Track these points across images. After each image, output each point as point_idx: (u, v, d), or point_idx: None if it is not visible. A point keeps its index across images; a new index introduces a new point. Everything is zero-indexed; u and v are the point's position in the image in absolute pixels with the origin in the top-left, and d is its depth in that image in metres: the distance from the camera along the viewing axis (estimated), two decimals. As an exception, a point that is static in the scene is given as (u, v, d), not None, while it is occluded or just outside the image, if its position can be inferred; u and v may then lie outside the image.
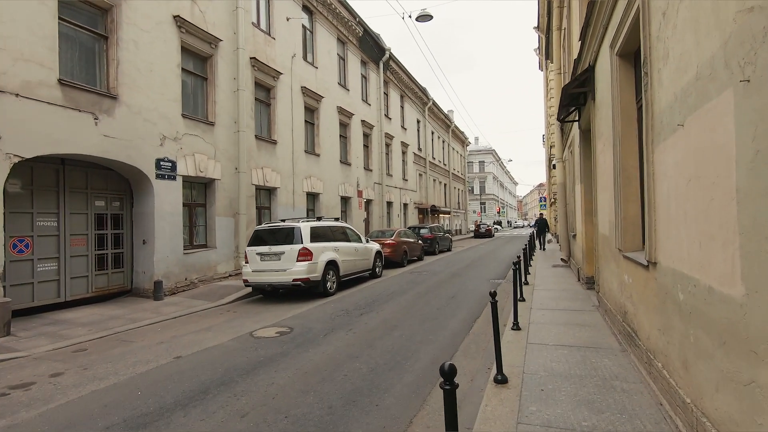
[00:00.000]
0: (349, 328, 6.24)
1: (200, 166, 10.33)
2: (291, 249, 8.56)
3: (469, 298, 8.41)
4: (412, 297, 8.66)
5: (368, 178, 20.75)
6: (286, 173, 13.91)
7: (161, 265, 9.20)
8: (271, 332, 6.17)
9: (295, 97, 14.55)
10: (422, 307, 7.65)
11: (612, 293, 5.20)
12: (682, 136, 2.52)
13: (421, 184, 30.17)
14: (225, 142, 11.24)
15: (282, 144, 13.77)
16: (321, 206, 16.19)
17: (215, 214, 10.92)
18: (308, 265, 8.52)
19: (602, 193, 5.84)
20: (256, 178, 12.40)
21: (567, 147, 11.72)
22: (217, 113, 11.04)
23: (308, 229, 8.93)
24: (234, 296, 9.20)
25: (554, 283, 9.13)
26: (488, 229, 37.36)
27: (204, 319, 7.31)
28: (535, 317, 5.98)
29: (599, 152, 5.97)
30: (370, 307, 7.74)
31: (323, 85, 16.47)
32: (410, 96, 27.56)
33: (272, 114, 13.51)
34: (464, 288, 9.62)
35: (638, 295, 3.84)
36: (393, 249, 14.08)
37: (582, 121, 7.89)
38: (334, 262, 9.43)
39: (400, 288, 9.87)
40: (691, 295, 2.47)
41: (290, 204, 14.09)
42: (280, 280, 8.52)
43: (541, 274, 10.70)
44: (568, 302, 6.96)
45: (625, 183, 4.44)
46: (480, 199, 68.70)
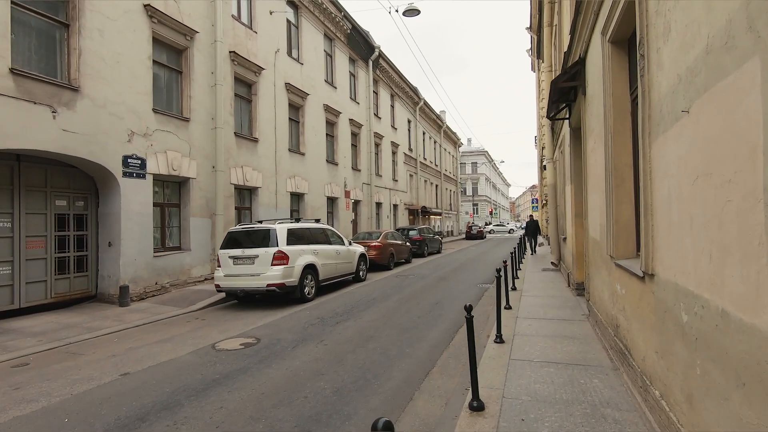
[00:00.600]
0: (320, 340, 5.76)
1: (173, 164, 9.78)
2: (265, 252, 8.06)
3: (453, 304, 7.97)
4: (394, 303, 8.20)
5: (356, 179, 20.27)
6: (268, 172, 13.39)
7: (128, 269, 8.64)
8: (236, 344, 5.67)
9: (278, 94, 14.04)
10: (403, 314, 7.19)
11: (603, 303, 4.78)
12: (688, 125, 2.08)
13: (412, 185, 29.75)
14: (201, 139, 10.71)
15: (264, 142, 13.25)
16: (306, 207, 15.68)
17: (190, 214, 10.38)
18: (284, 269, 8.03)
19: (593, 194, 5.43)
20: (235, 177, 11.87)
21: (558, 147, 11.35)
22: (193, 109, 10.50)
23: (284, 231, 8.44)
24: (206, 302, 8.67)
25: (543, 288, 8.72)
26: (480, 230, 37.03)
27: (168, 328, 6.79)
28: (521, 328, 5.55)
29: (590, 150, 5.56)
30: (347, 315, 7.27)
31: (309, 82, 15.97)
32: (401, 95, 27.14)
33: (254, 111, 12.99)
34: (450, 293, 9.18)
35: (632, 309, 3.42)
36: (379, 251, 13.61)
37: (572, 119, 7.50)
38: (313, 266, 8.94)
39: (383, 293, 9.40)
40: (698, 318, 2.04)
41: (273, 204, 13.57)
42: (254, 285, 8.02)
43: (530, 278, 10.30)
44: (556, 310, 6.54)
45: (617, 183, 4.02)
46: (473, 201, 68.49)
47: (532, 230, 18.52)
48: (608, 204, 4.20)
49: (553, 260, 11.73)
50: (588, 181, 5.85)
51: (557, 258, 11.62)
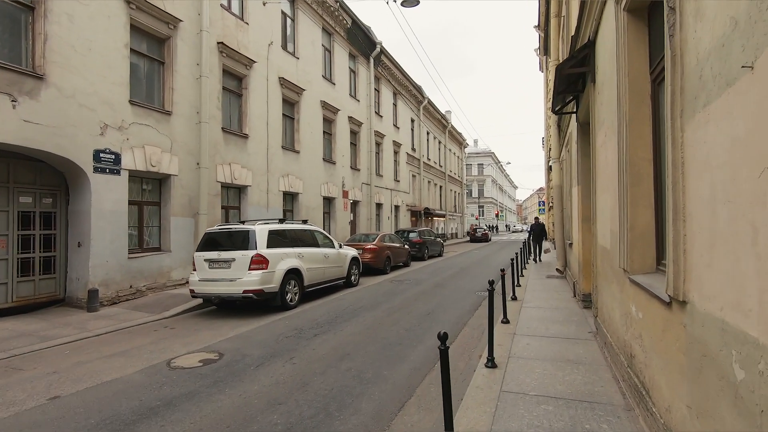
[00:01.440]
0: (290, 357, 5.09)
1: (152, 160, 9.19)
2: (243, 255, 7.42)
3: (446, 315, 7.27)
4: (382, 313, 7.52)
5: (355, 178, 19.62)
6: (259, 170, 12.77)
7: (98, 272, 8.06)
8: (195, 360, 5.03)
9: (271, 89, 13.43)
10: (389, 327, 6.50)
11: (613, 323, 4.06)
12: (751, 88, 1.39)
13: (415, 185, 29.04)
14: (185, 134, 10.12)
15: (255, 139, 12.64)
16: (300, 207, 15.06)
17: (171, 213, 9.78)
18: (262, 274, 7.38)
19: (602, 195, 4.71)
20: (222, 174, 11.27)
21: (564, 145, 10.60)
22: (176, 102, 9.91)
23: (265, 232, 7.79)
24: (181, 308, 8.05)
25: (546, 298, 7.99)
26: (485, 233, 36.22)
27: (130, 339, 6.16)
28: (519, 348, 4.84)
29: (599, 146, 4.84)
30: (329, 326, 6.60)
31: (305, 78, 15.36)
32: (404, 94, 26.46)
33: (244, 105, 12.39)
34: (445, 302, 8.48)
35: (652, 340, 2.71)
36: (374, 255, 12.94)
37: (580, 112, 6.77)
38: (297, 271, 8.29)
39: (373, 301, 8.72)
40: (764, 380, 1.34)
41: (263, 204, 12.96)
42: (229, 291, 7.38)
43: (532, 286, 9.56)
44: (560, 326, 5.82)
45: (633, 182, 3.31)
46: (478, 203, 67.63)
47: (538, 234, 16.66)
48: (621, 207, 3.49)
49: (559, 267, 10.99)
50: (597, 181, 5.14)
51: (563, 264, 10.87)
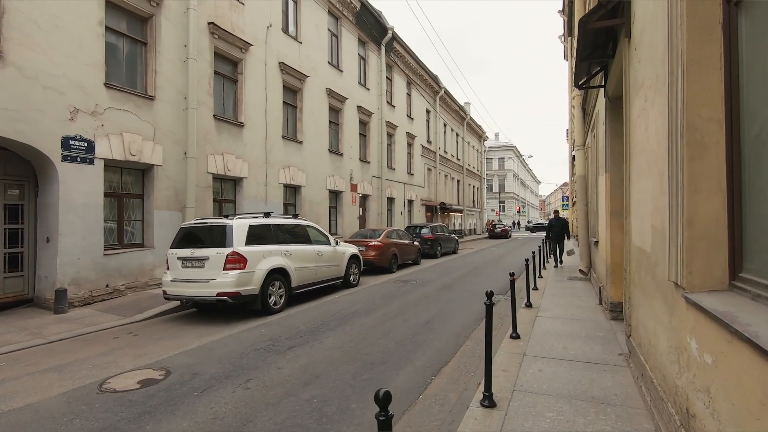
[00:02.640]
0: (247, 378, 4.20)
1: (132, 148, 8.48)
2: (217, 254, 6.59)
3: (449, 325, 6.26)
4: (375, 320, 6.57)
5: (365, 171, 18.69)
6: (256, 161, 11.99)
7: (68, 270, 7.39)
8: (133, 381, 4.19)
9: (270, 74, 12.60)
10: (378, 339, 5.55)
11: (656, 355, 2.99)
12: None
13: (430, 179, 27.89)
14: (170, 121, 9.37)
15: (252, 127, 11.85)
16: (303, 201, 14.24)
17: (154, 207, 9.08)
18: (239, 275, 6.53)
19: (640, 181, 3.61)
20: (214, 165, 10.51)
21: (590, 130, 9.36)
22: (160, 86, 9.17)
23: (244, 227, 6.94)
24: (157, 310, 7.31)
25: (566, 306, 6.86)
26: (504, 229, 34.75)
27: (80, 348, 5.41)
28: (527, 377, 3.80)
29: (636, 117, 3.73)
30: (309, 336, 5.70)
31: (308, 64, 14.47)
32: (418, 83, 25.30)
33: (239, 92, 11.60)
34: (449, 308, 7.46)
35: (733, 408, 1.66)
36: (379, 252, 11.99)
37: (609, 84, 5.60)
38: (283, 271, 7.42)
39: (369, 304, 7.78)
40: None
41: (261, 197, 12.17)
42: (202, 293, 6.57)
43: (551, 290, 8.42)
44: (582, 344, 4.73)
45: (692, 154, 2.24)
46: (499, 198, 65.77)
47: (558, 232, 12.70)
48: (673, 193, 2.42)
49: (582, 267, 9.78)
50: (632, 165, 4.02)
51: (587, 265, 9.65)
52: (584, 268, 9.71)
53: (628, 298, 4.16)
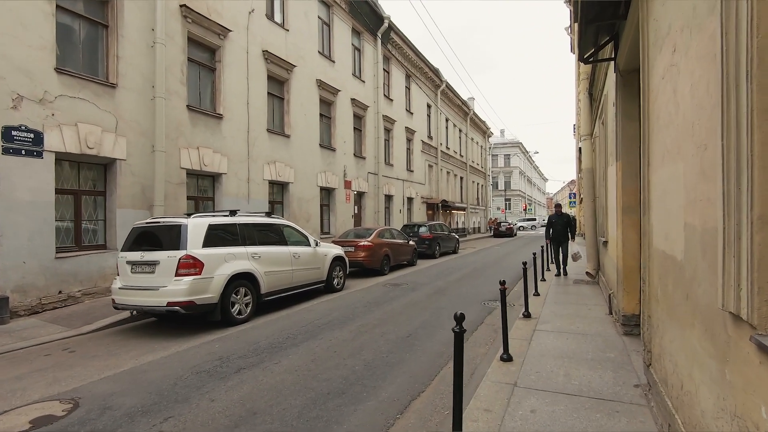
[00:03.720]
0: (167, 416, 3.37)
1: (89, 141, 7.70)
2: (169, 257, 5.77)
3: (433, 339, 5.39)
4: (349, 333, 5.71)
5: (360, 167, 17.83)
6: (237, 156, 11.18)
7: (12, 275, 6.62)
8: (24, 420, 3.37)
9: (253, 63, 11.78)
10: (345, 358, 4.69)
11: (694, 410, 2.09)
12: None
13: (431, 176, 26.97)
14: (135, 111, 8.58)
15: (232, 120, 11.04)
16: (292, 198, 13.42)
17: (117, 205, 8.29)
18: (193, 281, 5.71)
19: (664, 166, 2.71)
20: (188, 160, 9.72)
21: (598, 117, 8.41)
22: (123, 73, 8.37)
23: (202, 228, 6.12)
24: (110, 320, 6.53)
25: (571, 316, 5.96)
26: (509, 227, 33.72)
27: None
28: (515, 423, 2.92)
29: (659, 80, 2.82)
30: (266, 354, 4.87)
31: (297, 53, 13.63)
32: (418, 76, 24.36)
33: (218, 81, 10.79)
34: (438, 317, 6.58)
35: None
36: (369, 253, 11.13)
37: (621, 55, 4.68)
38: (250, 276, 6.59)
39: (348, 313, 6.93)
40: None
41: (243, 194, 11.37)
42: (151, 303, 5.76)
43: (554, 296, 7.51)
44: (588, 371, 3.84)
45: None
46: (505, 195, 64.52)
47: (560, 232, 10.20)
48: (729, 174, 1.54)
49: (590, 270, 8.84)
50: (653, 146, 3.11)
51: (595, 267, 8.72)
52: (592, 270, 8.77)
53: (647, 316, 3.25)
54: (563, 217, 10.39)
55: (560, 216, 10.36)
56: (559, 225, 10.30)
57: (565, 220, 10.34)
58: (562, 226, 10.29)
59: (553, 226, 10.38)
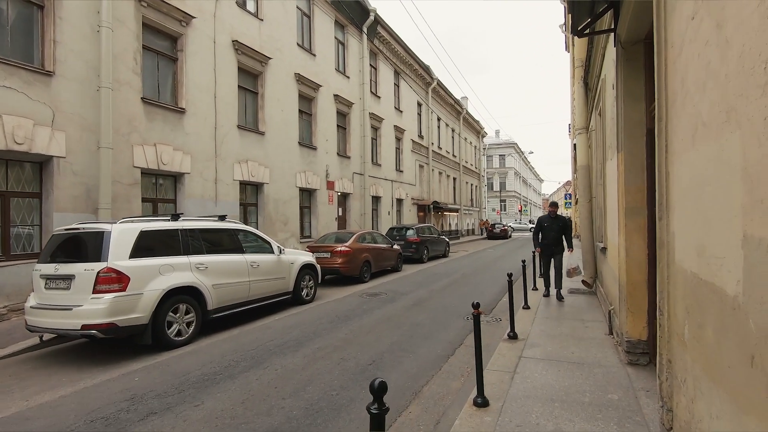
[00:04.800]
0: (7, 500, 2.45)
1: (17, 135, 6.76)
2: (85, 271, 4.84)
3: (399, 368, 4.49)
4: (302, 360, 4.80)
5: (344, 167, 16.92)
6: (202, 154, 10.26)
7: None
8: None
9: (221, 53, 10.87)
10: (284, 398, 3.78)
11: None
12: None
13: (422, 176, 26.10)
14: (77, 102, 7.65)
15: (196, 114, 10.12)
16: (267, 200, 12.49)
17: (54, 208, 7.35)
18: (114, 299, 4.78)
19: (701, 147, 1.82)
20: (142, 158, 8.79)
21: (594, 107, 7.55)
22: (62, 59, 7.45)
23: (130, 234, 5.19)
24: (26, 343, 5.58)
25: (564, 337, 5.07)
26: (504, 229, 32.92)
27: None
28: None
29: (688, 22, 1.93)
30: (192, 391, 3.95)
31: (272, 44, 12.73)
32: (408, 73, 23.51)
33: (180, 72, 9.87)
34: (411, 337, 5.68)
35: None
36: (346, 259, 10.22)
37: (623, 24, 3.80)
38: (193, 290, 5.67)
39: (309, 331, 6.01)
40: None
41: (210, 196, 10.44)
42: (64, 325, 4.82)
43: (545, 309, 6.62)
44: (586, 424, 2.94)
45: None
46: (500, 197, 63.80)
47: (553, 239, 7.81)
48: None
49: (586, 278, 7.97)
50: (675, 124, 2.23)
51: (592, 275, 7.85)
52: (588, 278, 7.90)
53: (666, 360, 2.35)
54: (558, 220, 7.91)
55: (554, 219, 7.88)
56: (552, 230, 7.78)
57: (561, 224, 7.84)
58: (556, 232, 7.77)
59: (544, 230, 7.87)
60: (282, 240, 12.87)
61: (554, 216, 7.95)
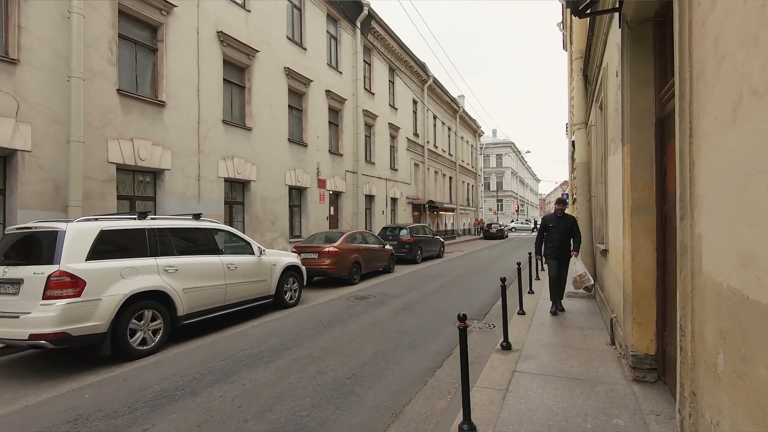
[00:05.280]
0: None
1: (-24, 127, 6.29)
2: (35, 274, 4.39)
3: (380, 381, 4.06)
4: (275, 373, 4.36)
5: (336, 165, 16.48)
6: (184, 150, 9.79)
7: None
8: None
9: (205, 45, 10.40)
10: (248, 421, 3.34)
11: None
12: None
13: (417, 175, 25.67)
14: (44, 93, 7.18)
15: (177, 108, 9.65)
16: (254, 198, 12.04)
17: (18, 206, 6.89)
18: (67, 306, 4.33)
19: (747, 123, 1.40)
20: (118, 153, 8.32)
21: (594, 101, 7.15)
22: (27, 47, 6.97)
23: (89, 234, 4.74)
24: (-19, 352, 5.12)
25: (563, 347, 4.65)
26: (500, 229, 32.56)
27: None
28: None
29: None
30: (141, 413, 3.51)
31: (260, 37, 12.27)
32: (403, 70, 23.07)
33: (160, 64, 9.39)
34: (395, 347, 5.25)
35: None
36: (335, 260, 9.78)
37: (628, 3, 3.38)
38: (161, 295, 5.22)
39: (289, 339, 5.58)
40: None
41: (192, 194, 9.98)
42: (10, 334, 4.36)
43: (542, 315, 6.21)
44: (588, 455, 2.52)
45: None
46: (497, 196, 63.46)
47: (561, 243, 6.44)
48: None
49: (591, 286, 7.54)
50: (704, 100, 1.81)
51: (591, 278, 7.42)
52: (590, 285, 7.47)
53: (689, 392, 1.93)
54: (566, 219, 6.42)
55: (561, 218, 6.41)
56: (558, 232, 6.35)
57: (569, 224, 6.38)
58: (563, 234, 6.33)
59: (550, 232, 6.44)
60: (270, 240, 12.42)
61: (561, 215, 6.46)
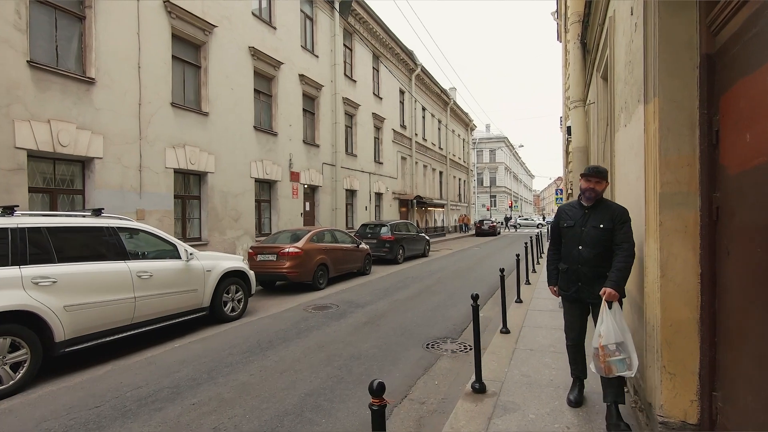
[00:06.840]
0: None
1: None
2: None
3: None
4: (162, 429, 3.10)
5: (312, 157, 15.17)
6: (120, 136, 8.46)
7: None
8: None
9: (147, 16, 9.05)
10: None
11: None
12: None
13: (405, 169, 24.42)
14: None
15: (111, 86, 8.31)
16: (212, 192, 10.72)
17: None
18: None
19: None
20: (30, 137, 6.99)
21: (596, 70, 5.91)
22: None
23: None
24: None
25: (554, 393, 3.43)
26: (492, 226, 31.41)
27: None
28: None
29: None
30: None
31: (219, 11, 10.92)
32: (389, 57, 21.75)
33: (88, 34, 8.04)
34: (344, 378, 4.00)
35: None
36: (296, 262, 8.51)
37: None
38: (29, 316, 3.94)
39: (206, 369, 4.32)
40: None
41: (133, 187, 8.65)
42: None
43: (531, 333, 4.98)
44: None
45: None
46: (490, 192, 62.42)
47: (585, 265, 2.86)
48: None
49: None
50: None
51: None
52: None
53: None
54: (602, 212, 2.91)
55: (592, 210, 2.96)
56: (582, 241, 2.94)
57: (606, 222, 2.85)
58: (595, 243, 2.88)
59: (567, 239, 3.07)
60: (232, 239, 11.13)
61: (591, 204, 2.97)
